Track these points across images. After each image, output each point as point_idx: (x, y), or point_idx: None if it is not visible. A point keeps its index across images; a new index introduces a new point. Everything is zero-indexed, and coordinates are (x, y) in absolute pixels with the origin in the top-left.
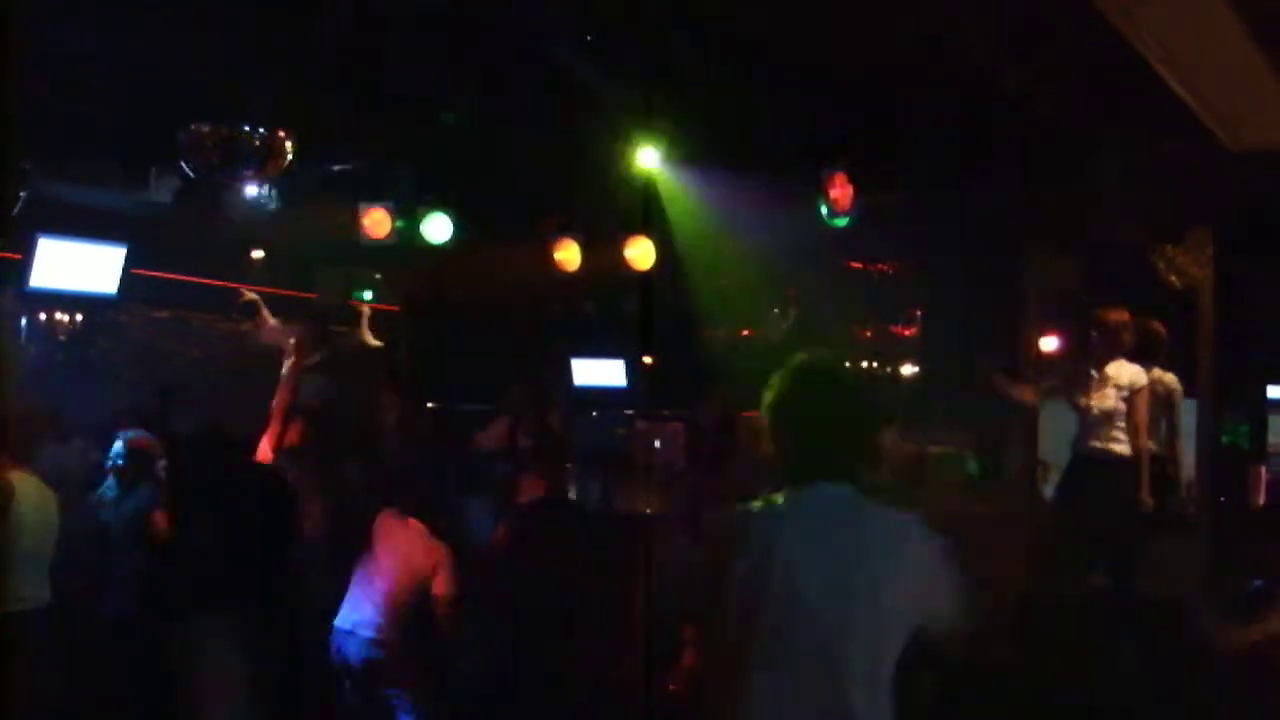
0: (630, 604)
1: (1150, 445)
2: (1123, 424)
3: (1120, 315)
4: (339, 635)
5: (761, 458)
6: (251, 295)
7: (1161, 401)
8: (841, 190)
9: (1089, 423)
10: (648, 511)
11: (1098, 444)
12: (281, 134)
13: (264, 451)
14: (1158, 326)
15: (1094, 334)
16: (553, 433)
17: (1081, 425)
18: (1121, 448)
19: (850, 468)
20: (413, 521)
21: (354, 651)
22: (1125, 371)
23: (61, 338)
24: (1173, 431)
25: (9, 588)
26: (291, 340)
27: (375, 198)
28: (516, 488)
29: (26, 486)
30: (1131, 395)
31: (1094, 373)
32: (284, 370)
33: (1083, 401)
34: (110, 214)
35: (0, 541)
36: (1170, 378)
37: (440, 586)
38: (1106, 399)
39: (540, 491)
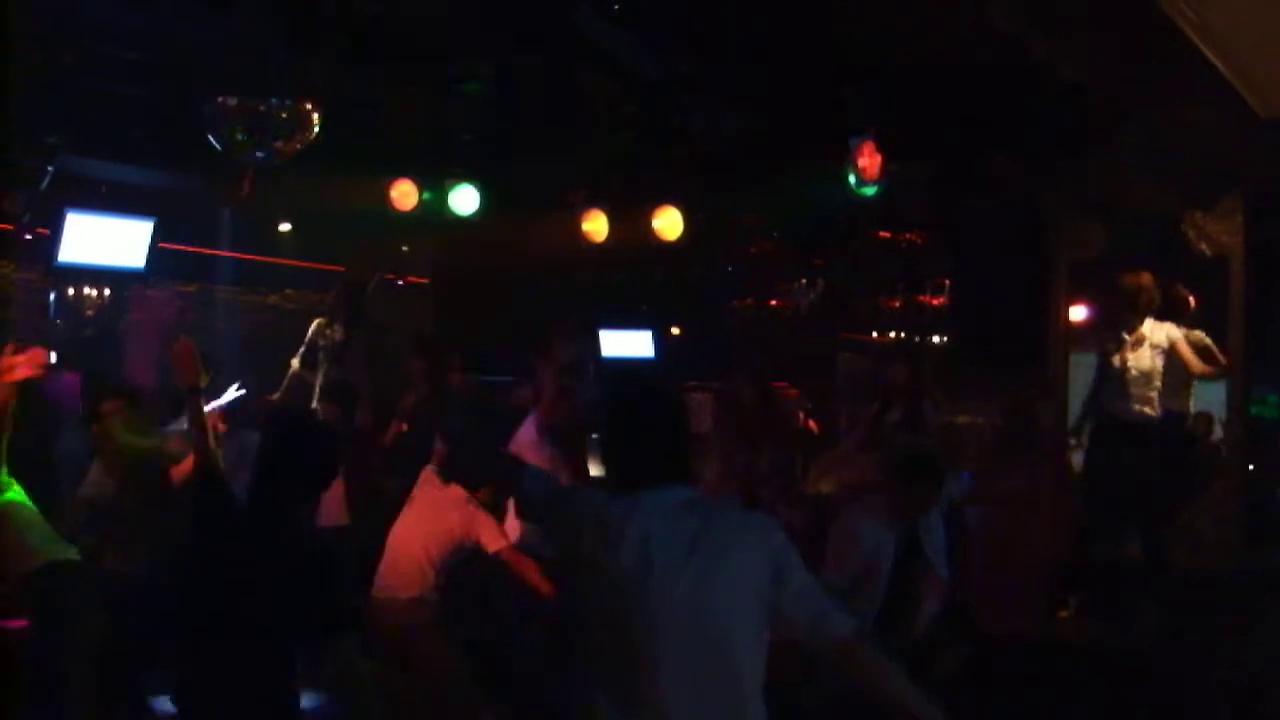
0: None
1: (1205, 368)
2: (1159, 384)
3: (1145, 279)
4: (374, 604)
5: (798, 431)
6: None
7: (1199, 355)
8: (869, 159)
9: (1127, 383)
10: None
11: (1136, 406)
12: (308, 106)
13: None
14: (1180, 289)
15: (1122, 298)
16: (571, 404)
17: (1116, 388)
18: (1152, 408)
19: (682, 472)
20: (454, 486)
21: (390, 617)
22: (1160, 331)
23: (89, 312)
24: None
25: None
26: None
27: (402, 170)
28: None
29: None
30: (1173, 347)
31: (1126, 336)
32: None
33: (1118, 362)
34: (139, 188)
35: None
36: (1199, 334)
37: (494, 544)
38: (1143, 359)
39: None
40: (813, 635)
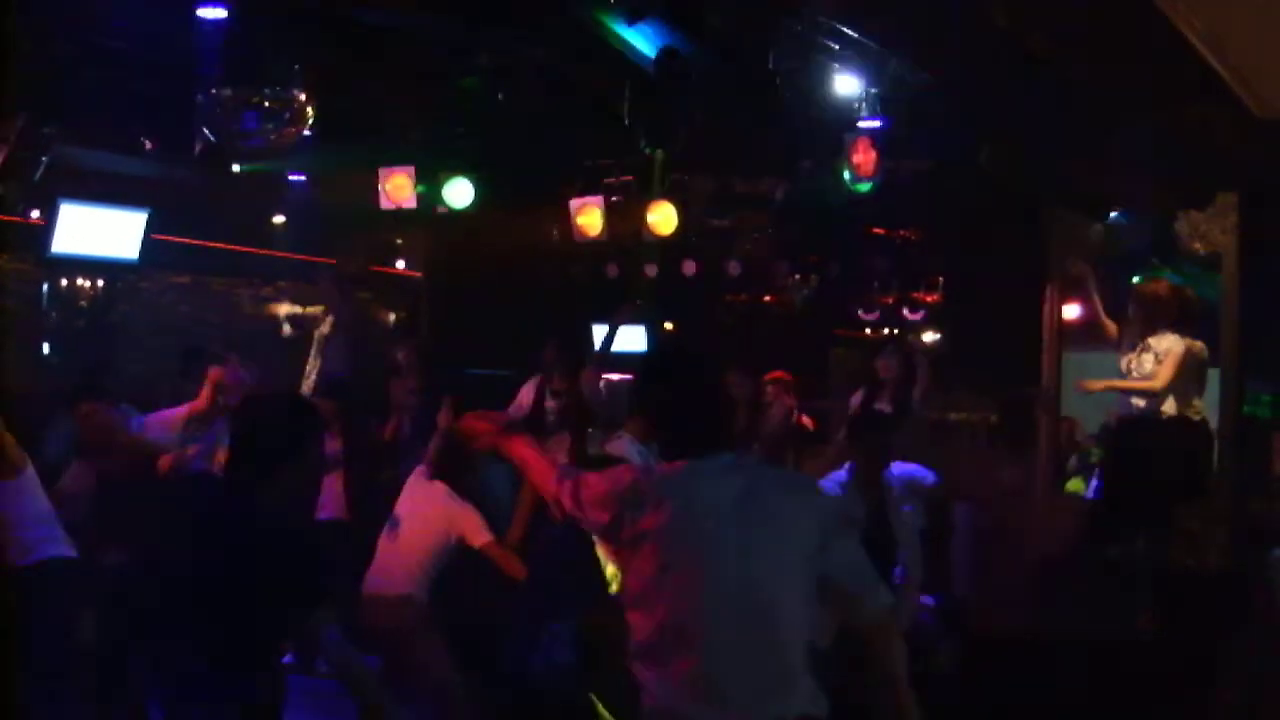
0: None
1: (1161, 391)
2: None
3: (1163, 288)
4: (366, 601)
5: (787, 423)
6: None
7: (1198, 369)
8: (864, 155)
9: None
10: None
11: (1138, 404)
12: (303, 98)
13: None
14: (1189, 293)
15: (1135, 306)
16: (579, 393)
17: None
18: (1154, 408)
19: (725, 438)
20: (438, 482)
21: (379, 615)
22: (1164, 340)
23: (83, 303)
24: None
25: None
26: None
27: (397, 162)
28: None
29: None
30: (1164, 356)
31: (1137, 341)
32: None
33: (1123, 367)
34: (132, 179)
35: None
36: (1200, 345)
37: (478, 539)
38: (1144, 364)
39: (564, 455)
40: (854, 607)
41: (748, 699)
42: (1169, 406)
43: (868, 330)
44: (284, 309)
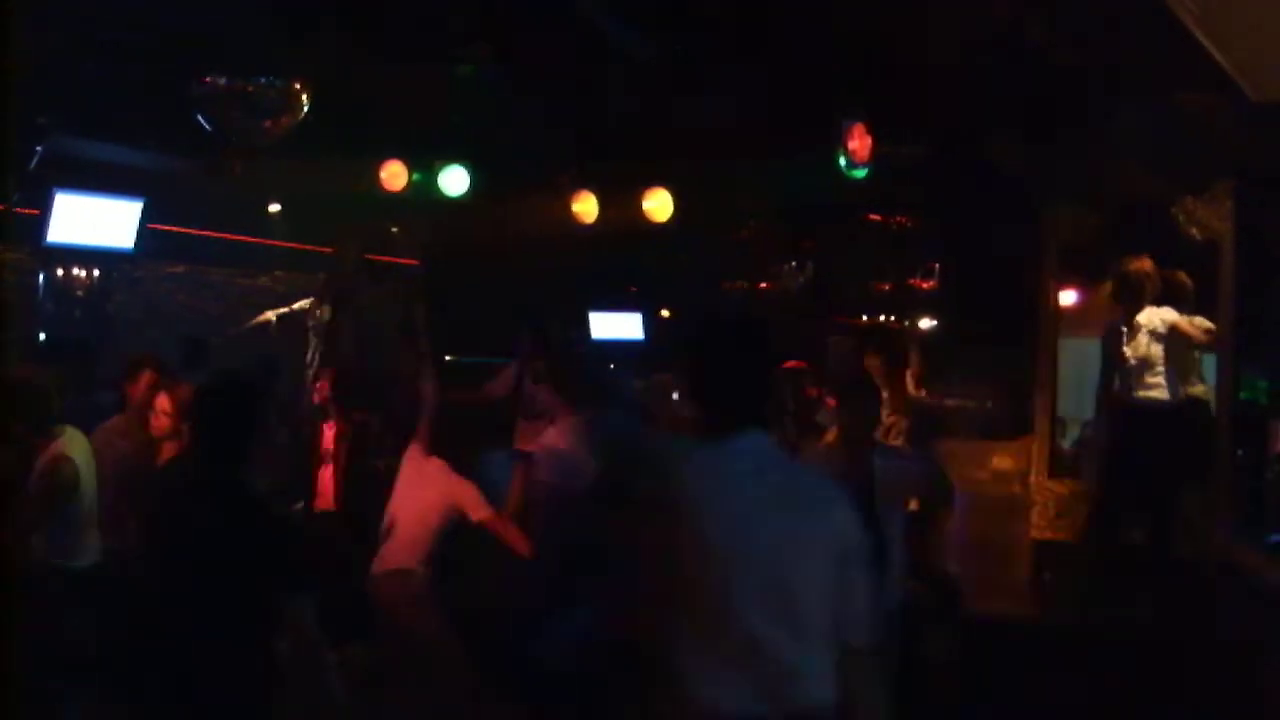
0: None
1: (1204, 337)
2: (1161, 369)
3: (1147, 265)
4: (371, 579)
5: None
6: None
7: (1204, 343)
8: (860, 141)
9: (1127, 373)
10: None
11: (1140, 393)
12: (297, 86)
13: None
14: (1182, 276)
15: (1117, 285)
16: (558, 370)
17: (1120, 377)
18: (1161, 394)
19: (765, 418)
20: (435, 459)
21: (382, 590)
22: (1156, 316)
23: (79, 293)
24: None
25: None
26: None
27: (392, 150)
28: (519, 435)
29: (77, 445)
30: (1172, 329)
31: (1124, 324)
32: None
33: (1118, 353)
34: (127, 168)
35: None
36: (1201, 319)
37: (478, 513)
38: (1140, 346)
39: (542, 439)
40: (835, 629)
41: (764, 682)
42: (1162, 390)
43: (864, 317)
44: (270, 314)
